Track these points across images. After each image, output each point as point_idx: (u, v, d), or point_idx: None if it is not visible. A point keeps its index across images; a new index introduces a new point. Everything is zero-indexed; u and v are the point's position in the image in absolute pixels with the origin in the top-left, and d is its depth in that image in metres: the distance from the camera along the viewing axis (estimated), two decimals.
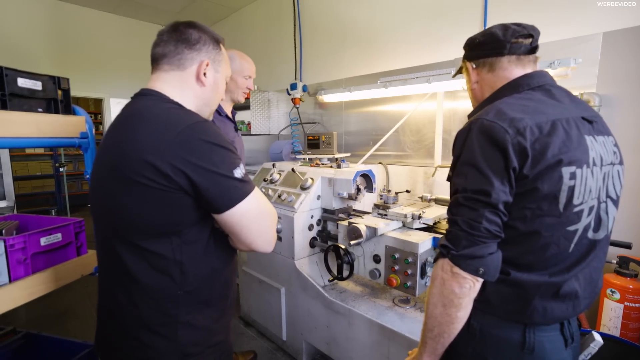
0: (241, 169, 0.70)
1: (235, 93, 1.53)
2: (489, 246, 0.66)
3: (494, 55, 0.77)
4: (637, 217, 1.49)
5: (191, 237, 0.71)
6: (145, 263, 0.69)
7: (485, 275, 0.67)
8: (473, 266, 0.66)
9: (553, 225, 0.65)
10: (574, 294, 0.69)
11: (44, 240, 1.06)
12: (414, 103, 2.28)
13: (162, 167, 0.63)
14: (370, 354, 1.53)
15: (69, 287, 2.50)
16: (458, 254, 0.67)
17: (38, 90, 1.13)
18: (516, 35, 0.75)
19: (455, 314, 0.70)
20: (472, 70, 0.83)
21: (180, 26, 0.78)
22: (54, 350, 1.38)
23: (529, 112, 0.67)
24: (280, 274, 1.95)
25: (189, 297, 0.72)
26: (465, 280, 0.67)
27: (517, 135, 0.63)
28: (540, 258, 0.67)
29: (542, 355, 0.68)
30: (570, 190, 0.64)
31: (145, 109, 0.71)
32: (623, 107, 1.52)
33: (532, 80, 0.74)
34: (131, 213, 0.67)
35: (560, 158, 0.63)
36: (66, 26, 4.39)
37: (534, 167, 0.63)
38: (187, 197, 0.67)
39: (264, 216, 0.73)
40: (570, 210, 0.65)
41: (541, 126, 0.64)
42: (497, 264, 0.67)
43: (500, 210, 0.65)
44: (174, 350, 0.71)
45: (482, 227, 0.65)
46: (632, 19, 1.49)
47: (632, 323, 1.38)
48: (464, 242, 0.66)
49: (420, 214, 1.48)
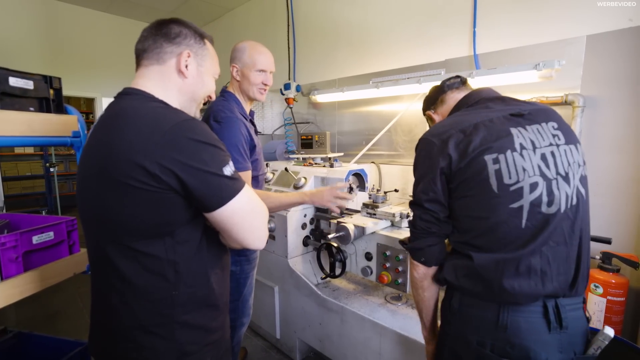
0: (230, 166, 0.70)
1: (249, 91, 1.34)
2: (426, 239, 0.84)
3: (440, 94, 1.04)
4: (617, 214, 1.54)
5: (184, 236, 0.70)
6: (138, 265, 0.68)
7: (426, 263, 0.85)
8: (418, 256, 0.86)
9: (494, 206, 0.74)
10: (538, 269, 0.73)
11: (36, 239, 1.06)
12: (405, 103, 2.31)
13: (151, 167, 0.62)
14: (362, 350, 1.56)
15: (61, 288, 2.46)
16: (409, 247, 0.88)
17: (30, 90, 1.12)
18: (449, 80, 1.03)
19: (422, 294, 0.90)
20: (434, 114, 1.06)
21: (163, 22, 0.77)
22: (45, 349, 1.37)
23: (455, 123, 0.83)
24: (273, 273, 1.96)
25: (184, 297, 0.71)
26: (417, 267, 0.87)
27: (442, 143, 0.80)
28: (493, 238, 0.75)
29: (517, 334, 0.72)
30: (497, 173, 0.74)
31: (131, 109, 0.70)
32: (606, 108, 1.57)
33: (469, 99, 0.94)
34: (121, 215, 0.66)
35: (482, 149, 0.76)
36: (58, 25, 4.34)
37: (460, 163, 0.78)
38: (178, 196, 0.66)
39: (255, 213, 0.73)
40: (506, 190, 0.74)
41: (464, 130, 0.80)
42: (435, 254, 0.85)
43: (429, 209, 0.82)
44: (172, 350, 0.71)
45: (417, 225, 0.85)
46: (615, 22, 1.54)
47: (614, 317, 1.42)
48: (412, 237, 0.88)
49: (408, 213, 1.51)
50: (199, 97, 0.82)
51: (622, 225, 1.55)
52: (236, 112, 1.29)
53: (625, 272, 1.47)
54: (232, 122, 1.24)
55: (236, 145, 1.23)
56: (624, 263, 1.41)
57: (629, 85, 1.52)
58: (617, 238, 1.51)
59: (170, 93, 0.76)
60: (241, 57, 1.33)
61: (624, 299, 1.41)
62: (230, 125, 1.23)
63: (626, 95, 1.53)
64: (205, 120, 1.27)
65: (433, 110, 1.06)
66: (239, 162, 1.23)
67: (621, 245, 1.54)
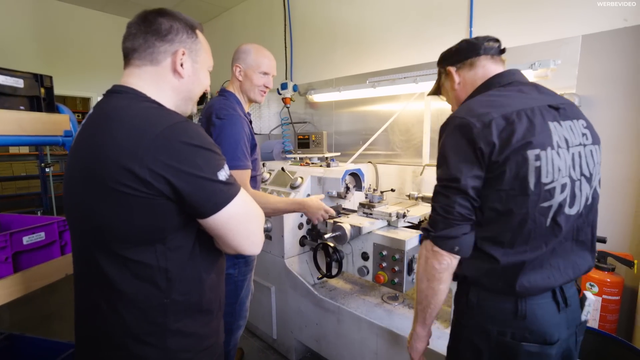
0: (225, 171, 0.67)
1: (251, 92, 1.35)
2: (462, 227, 0.77)
3: (473, 55, 0.89)
4: (613, 213, 1.55)
5: (176, 243, 0.67)
6: (127, 272, 0.65)
7: (460, 252, 0.78)
8: (449, 245, 0.77)
9: (526, 203, 0.72)
10: (554, 266, 0.76)
11: (27, 239, 1.04)
12: (402, 103, 2.31)
13: (141, 173, 0.59)
14: (359, 350, 1.55)
15: (55, 289, 2.44)
16: (436, 235, 0.78)
17: (20, 88, 1.11)
18: (487, 39, 0.89)
19: (438, 286, 0.82)
20: (455, 73, 0.92)
21: (149, 15, 0.72)
22: (37, 351, 1.36)
23: (495, 106, 0.75)
24: (270, 273, 1.95)
25: (177, 305, 0.69)
26: (443, 257, 0.78)
27: (484, 127, 0.72)
28: (519, 234, 0.74)
29: (534, 320, 0.76)
30: (537, 170, 0.71)
31: (121, 109, 0.65)
32: (601, 107, 1.58)
33: (502, 78, 0.84)
34: (109, 221, 0.63)
35: (525, 142, 0.71)
36: (53, 24, 4.30)
37: (501, 153, 0.72)
38: (170, 202, 0.63)
39: (250, 218, 0.71)
40: (540, 188, 0.72)
41: (507, 116, 0.73)
42: (470, 243, 0.78)
43: (470, 195, 0.74)
44: (164, 359, 0.69)
45: (454, 212, 0.76)
46: (610, 22, 1.55)
47: (609, 315, 1.43)
48: (441, 224, 0.77)
49: (404, 213, 1.50)
50: (196, 96, 0.80)
51: (617, 225, 1.55)
52: (238, 110, 1.29)
53: (620, 271, 1.48)
54: (236, 120, 1.24)
55: (239, 143, 1.22)
56: (619, 262, 1.41)
57: (624, 85, 1.52)
58: (612, 237, 1.51)
59: (165, 93, 0.73)
60: (245, 59, 1.34)
61: (619, 298, 1.42)
62: (233, 122, 1.23)
63: (621, 95, 1.53)
64: (207, 118, 1.26)
65: (456, 68, 0.92)
66: (241, 160, 1.22)
67: (616, 245, 1.55)
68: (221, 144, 1.19)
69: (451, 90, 0.95)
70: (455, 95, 0.95)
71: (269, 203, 1.32)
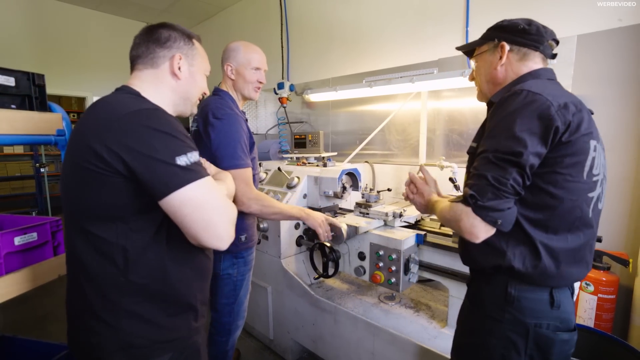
0: (188, 158, 0.67)
1: (245, 89, 1.35)
2: (509, 201, 0.74)
3: (532, 47, 0.85)
4: (608, 212, 1.55)
5: (139, 225, 0.70)
6: (90, 246, 0.70)
7: (502, 227, 0.75)
8: (492, 217, 0.74)
9: (577, 190, 0.75)
10: (587, 258, 0.80)
11: (18, 240, 1.02)
12: (399, 102, 2.31)
13: (100, 150, 0.65)
14: (355, 350, 1.55)
15: (50, 290, 2.41)
16: (483, 205, 0.74)
17: (11, 87, 1.09)
18: (552, 36, 0.86)
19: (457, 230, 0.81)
20: (510, 51, 0.86)
21: (152, 28, 0.83)
22: (31, 352, 1.34)
23: (563, 92, 0.77)
24: (266, 273, 1.95)
25: (135, 287, 0.71)
26: (479, 230, 0.75)
27: (561, 108, 0.72)
28: (564, 220, 0.76)
29: (564, 309, 0.79)
30: (592, 160, 0.75)
31: (107, 98, 0.74)
32: (596, 107, 1.56)
33: (548, 73, 0.85)
34: (78, 197, 0.70)
35: (589, 132, 0.74)
36: (48, 23, 4.26)
37: (572, 135, 0.72)
38: (127, 181, 0.67)
39: (209, 208, 0.68)
40: (590, 178, 0.75)
41: (576, 104, 0.74)
42: (512, 218, 0.76)
43: (527, 172, 0.73)
44: (116, 339, 0.71)
45: (508, 184, 0.72)
46: (605, 22, 1.55)
47: (605, 314, 1.43)
48: (490, 194, 0.73)
49: (401, 213, 1.50)
50: (193, 96, 0.87)
51: (613, 224, 1.56)
52: (235, 109, 1.28)
53: (616, 270, 1.48)
54: (234, 119, 1.24)
55: (238, 142, 1.21)
56: (614, 261, 1.42)
57: (620, 84, 1.53)
58: (607, 236, 1.52)
59: (164, 93, 0.81)
60: (235, 56, 1.33)
61: (614, 297, 1.42)
62: (232, 121, 1.23)
63: (617, 95, 1.54)
64: (203, 118, 1.25)
65: (510, 46, 0.86)
66: (242, 159, 1.21)
67: (612, 244, 1.55)
68: (221, 144, 1.19)
69: (491, 66, 0.89)
70: (491, 73, 0.89)
71: (274, 204, 1.28)
